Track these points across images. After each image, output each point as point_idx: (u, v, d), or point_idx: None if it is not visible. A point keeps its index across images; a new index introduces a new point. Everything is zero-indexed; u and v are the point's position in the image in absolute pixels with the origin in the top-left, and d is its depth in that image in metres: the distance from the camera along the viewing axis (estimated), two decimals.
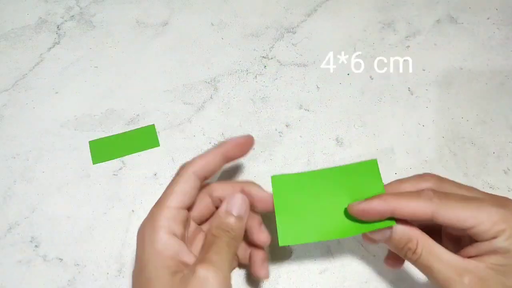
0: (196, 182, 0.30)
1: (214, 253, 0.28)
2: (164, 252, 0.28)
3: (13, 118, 0.42)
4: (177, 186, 0.30)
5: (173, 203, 0.29)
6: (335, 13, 0.49)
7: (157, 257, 0.28)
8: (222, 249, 0.28)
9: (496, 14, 0.49)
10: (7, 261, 0.36)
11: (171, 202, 0.29)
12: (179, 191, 0.29)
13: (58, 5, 0.49)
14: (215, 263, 0.27)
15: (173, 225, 0.29)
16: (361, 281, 0.36)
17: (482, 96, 0.44)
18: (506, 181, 0.40)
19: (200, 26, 0.48)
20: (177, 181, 0.30)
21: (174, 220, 0.29)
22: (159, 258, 0.28)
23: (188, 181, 0.30)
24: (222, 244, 0.29)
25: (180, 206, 0.29)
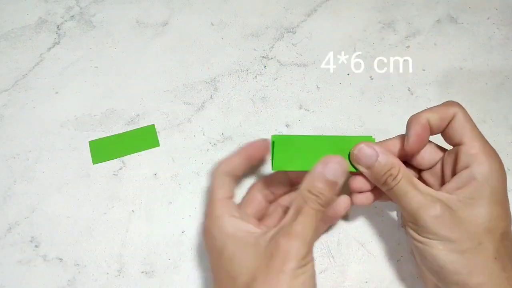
0: (228, 178, 0.33)
1: (298, 223, 0.27)
2: (237, 233, 0.29)
3: (13, 118, 0.42)
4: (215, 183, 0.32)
5: (219, 196, 0.31)
6: (335, 13, 0.49)
7: (233, 238, 0.28)
8: (307, 218, 0.28)
9: (496, 14, 0.49)
10: (7, 261, 0.36)
11: (218, 195, 0.31)
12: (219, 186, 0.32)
13: (58, 5, 0.49)
14: (299, 233, 0.27)
15: (231, 209, 0.30)
16: (361, 281, 0.36)
17: (482, 96, 0.44)
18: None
19: (200, 26, 0.48)
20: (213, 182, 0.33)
21: (228, 206, 0.31)
22: (234, 238, 0.28)
23: (221, 178, 0.32)
24: (308, 212, 0.28)
25: (226, 196, 0.32)
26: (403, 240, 0.37)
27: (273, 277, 0.26)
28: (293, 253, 0.26)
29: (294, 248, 0.26)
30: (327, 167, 0.28)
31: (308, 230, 0.27)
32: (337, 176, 0.28)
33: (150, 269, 0.36)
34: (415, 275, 0.36)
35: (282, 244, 0.26)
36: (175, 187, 0.39)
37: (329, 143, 0.32)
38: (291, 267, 0.26)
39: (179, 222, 0.38)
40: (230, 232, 0.29)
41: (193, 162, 0.41)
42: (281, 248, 0.26)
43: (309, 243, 0.27)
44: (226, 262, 0.28)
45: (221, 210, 0.30)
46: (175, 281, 0.36)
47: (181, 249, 0.37)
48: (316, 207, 0.28)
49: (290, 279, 0.26)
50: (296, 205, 0.28)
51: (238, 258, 0.28)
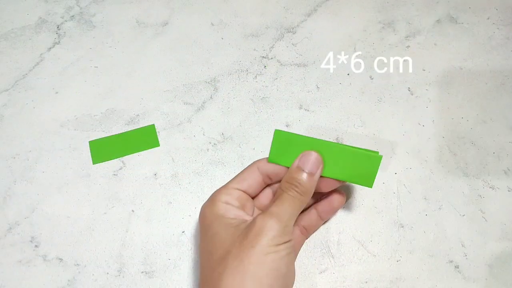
0: (258, 174, 0.33)
1: (275, 205, 0.30)
2: (225, 214, 0.30)
3: (13, 118, 0.42)
4: (241, 173, 0.33)
5: (231, 185, 0.32)
6: (335, 13, 0.49)
7: (220, 219, 0.30)
8: (284, 202, 0.30)
9: (496, 14, 0.49)
10: (7, 261, 0.36)
11: (230, 184, 0.32)
12: (240, 177, 0.33)
13: (58, 5, 0.49)
14: (274, 213, 0.29)
15: (229, 199, 0.31)
16: (361, 281, 0.36)
17: (482, 96, 0.44)
18: (506, 181, 0.40)
19: (200, 26, 0.48)
20: (243, 170, 0.34)
21: (231, 196, 0.32)
22: (222, 219, 0.30)
23: (250, 172, 0.33)
24: (286, 197, 0.30)
25: (237, 187, 0.32)
26: (403, 240, 0.37)
27: (244, 251, 0.27)
28: (266, 230, 0.28)
29: (267, 226, 0.28)
30: (303, 159, 0.31)
31: (283, 212, 0.29)
32: (312, 169, 0.31)
33: (150, 269, 0.36)
34: (415, 275, 0.36)
35: (257, 222, 0.28)
36: (175, 187, 0.39)
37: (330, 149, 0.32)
38: (262, 243, 0.27)
39: (179, 222, 0.38)
40: (220, 213, 0.30)
41: (193, 162, 0.41)
42: (255, 226, 0.28)
43: (284, 225, 0.29)
44: (208, 239, 0.30)
45: (221, 197, 0.31)
46: (175, 281, 0.36)
47: (181, 249, 0.37)
48: (292, 194, 0.30)
49: (260, 254, 0.27)
50: (276, 195, 0.31)
51: (218, 236, 0.29)
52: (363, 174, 0.31)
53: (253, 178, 0.33)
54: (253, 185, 0.33)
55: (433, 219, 0.38)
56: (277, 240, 0.28)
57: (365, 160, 0.31)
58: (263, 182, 0.33)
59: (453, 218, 0.38)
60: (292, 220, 0.30)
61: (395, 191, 0.39)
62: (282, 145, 0.32)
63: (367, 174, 0.31)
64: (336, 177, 0.32)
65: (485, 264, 0.36)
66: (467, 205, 0.39)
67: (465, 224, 0.38)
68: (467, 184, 0.40)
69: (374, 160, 0.31)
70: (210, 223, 0.30)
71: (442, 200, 0.39)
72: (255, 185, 0.33)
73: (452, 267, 0.36)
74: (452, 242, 0.37)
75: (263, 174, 0.33)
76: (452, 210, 0.39)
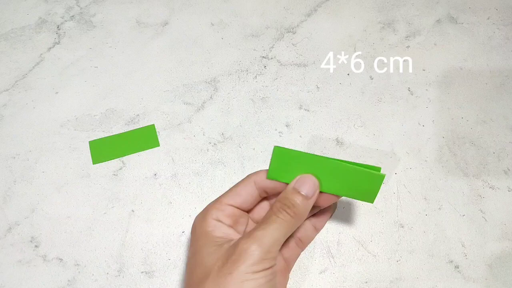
0: (254, 189, 0.32)
1: (261, 228, 0.28)
2: (213, 233, 0.29)
3: (13, 118, 0.42)
4: (235, 187, 0.32)
5: (225, 200, 0.31)
6: (335, 13, 0.49)
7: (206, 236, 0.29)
8: (271, 225, 0.28)
9: (496, 14, 0.49)
10: (7, 261, 0.36)
11: (224, 199, 0.31)
12: (234, 192, 0.31)
13: (58, 5, 0.49)
14: (257, 237, 0.27)
15: (221, 216, 0.30)
16: (361, 281, 0.36)
17: (482, 96, 0.44)
18: (506, 181, 0.40)
19: (200, 26, 0.48)
20: (238, 184, 0.32)
21: (223, 212, 0.30)
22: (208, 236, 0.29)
23: (246, 186, 0.31)
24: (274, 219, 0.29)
25: (231, 203, 0.31)
26: (403, 240, 0.37)
27: (222, 277, 0.26)
28: (245, 256, 0.26)
29: (248, 251, 0.27)
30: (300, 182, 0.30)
31: (268, 236, 0.27)
32: (309, 192, 0.30)
33: (150, 269, 0.36)
34: (415, 275, 0.36)
35: (239, 246, 0.27)
36: (175, 187, 0.39)
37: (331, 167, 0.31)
38: (240, 269, 0.26)
39: (179, 222, 0.38)
40: (208, 230, 0.29)
41: (193, 162, 0.41)
42: (237, 250, 0.27)
43: (267, 251, 0.27)
44: (191, 255, 0.29)
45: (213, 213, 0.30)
46: (175, 281, 0.36)
47: (181, 249, 0.37)
48: (283, 216, 0.29)
49: (237, 281, 0.26)
50: (265, 215, 0.29)
51: (201, 254, 0.28)
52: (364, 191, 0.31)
53: (248, 193, 0.32)
54: (248, 200, 0.32)
55: (433, 219, 0.38)
56: (256, 267, 0.27)
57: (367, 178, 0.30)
58: (258, 196, 0.32)
59: (453, 218, 0.38)
60: (276, 245, 0.28)
61: (395, 191, 0.39)
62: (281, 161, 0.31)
63: (369, 191, 0.30)
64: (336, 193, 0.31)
65: (485, 264, 0.36)
66: (467, 205, 0.39)
67: (465, 224, 0.38)
68: (467, 184, 0.40)
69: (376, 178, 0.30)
70: (197, 238, 0.29)
71: (442, 200, 0.39)
72: (250, 200, 0.32)
73: (452, 267, 0.36)
74: (452, 242, 0.37)
75: (260, 189, 0.32)
76: (452, 210, 0.39)
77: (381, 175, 0.30)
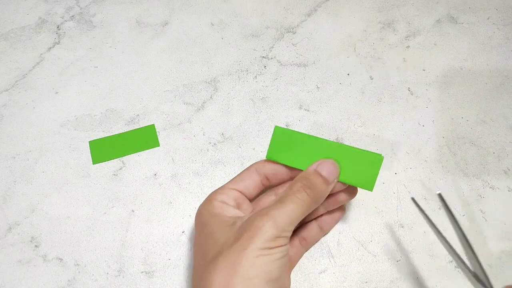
0: (256, 176, 0.32)
1: (277, 207, 0.28)
2: (221, 213, 0.30)
3: (13, 118, 0.42)
4: (238, 175, 0.33)
5: (228, 185, 0.32)
6: (335, 13, 0.49)
7: (215, 217, 0.29)
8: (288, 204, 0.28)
9: (496, 14, 0.49)
10: (7, 261, 0.36)
11: (227, 184, 0.32)
12: (237, 178, 0.32)
13: (58, 5, 0.49)
14: (272, 215, 0.27)
15: (226, 199, 0.31)
16: (361, 281, 0.36)
17: (482, 96, 0.44)
18: (506, 181, 0.40)
19: (200, 26, 0.48)
20: (240, 172, 0.33)
21: (227, 195, 0.31)
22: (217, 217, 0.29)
23: (248, 173, 0.32)
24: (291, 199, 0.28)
25: (233, 187, 0.32)
26: (403, 240, 0.37)
27: (236, 252, 0.26)
28: (261, 232, 0.27)
29: (263, 228, 0.27)
30: (322, 165, 0.30)
31: (284, 216, 0.28)
32: (330, 175, 0.30)
33: (150, 269, 0.36)
34: (415, 275, 0.36)
35: (254, 222, 0.27)
36: (175, 187, 0.39)
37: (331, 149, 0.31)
38: (255, 245, 0.26)
39: (179, 222, 0.38)
40: (216, 212, 0.30)
41: (193, 162, 0.41)
42: (251, 226, 0.27)
43: (281, 229, 0.27)
44: (203, 238, 0.29)
45: (218, 196, 0.31)
46: (175, 281, 0.36)
47: (181, 249, 0.37)
48: (301, 196, 0.29)
49: (251, 256, 0.26)
50: (282, 194, 0.29)
51: (213, 235, 0.28)
52: (363, 175, 0.31)
53: (251, 179, 0.32)
54: (250, 185, 0.32)
55: (433, 219, 0.38)
56: (270, 244, 0.27)
57: (366, 161, 0.31)
58: (261, 183, 0.33)
59: None
60: (291, 225, 0.28)
61: (395, 191, 0.39)
62: (281, 142, 0.31)
63: (368, 176, 0.31)
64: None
65: (485, 264, 0.36)
66: (467, 205, 0.39)
67: (465, 224, 0.38)
68: (467, 184, 0.40)
69: (375, 160, 0.30)
70: (206, 222, 0.30)
71: None
72: (252, 186, 0.32)
73: (452, 267, 0.36)
74: (453, 242, 0.37)
75: (261, 175, 0.32)
76: (452, 210, 0.39)
77: (380, 157, 0.30)
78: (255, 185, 0.32)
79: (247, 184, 0.32)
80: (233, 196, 0.31)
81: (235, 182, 0.32)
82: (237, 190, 0.32)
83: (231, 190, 0.32)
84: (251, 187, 0.32)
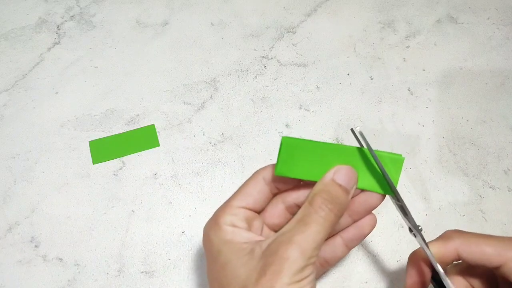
0: (264, 186, 0.29)
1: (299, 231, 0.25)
2: (234, 239, 0.26)
3: (13, 118, 0.42)
4: (244, 187, 0.29)
5: (236, 203, 0.28)
6: (335, 13, 0.49)
7: (229, 245, 0.26)
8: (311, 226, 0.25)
9: (496, 14, 0.49)
10: (7, 261, 0.36)
11: (234, 202, 0.28)
12: (243, 192, 0.28)
13: (58, 5, 0.49)
14: (297, 242, 0.24)
15: (235, 220, 0.27)
16: (361, 281, 0.36)
17: (482, 96, 0.44)
18: (506, 181, 0.40)
19: (200, 26, 0.48)
20: (246, 183, 0.29)
21: (236, 216, 0.27)
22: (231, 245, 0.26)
23: (255, 184, 0.28)
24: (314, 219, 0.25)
25: (242, 205, 0.28)
26: (403, 240, 0.37)
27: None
28: (287, 265, 0.24)
29: (290, 259, 0.24)
30: (339, 173, 0.27)
31: (310, 240, 0.25)
32: (349, 183, 0.27)
33: (150, 269, 0.36)
34: None
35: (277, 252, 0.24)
36: (175, 187, 0.39)
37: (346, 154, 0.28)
38: (283, 281, 0.23)
39: (179, 222, 0.38)
40: (228, 238, 0.27)
41: (193, 162, 0.41)
42: (275, 257, 0.24)
43: (309, 256, 0.24)
44: (219, 269, 0.26)
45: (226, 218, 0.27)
46: (175, 281, 0.36)
47: (181, 249, 0.37)
48: (325, 215, 0.26)
49: None
50: (302, 213, 0.26)
51: (231, 266, 0.26)
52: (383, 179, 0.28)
53: (259, 191, 0.28)
54: (259, 200, 0.28)
55: (433, 219, 0.38)
56: (299, 276, 0.24)
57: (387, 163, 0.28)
58: (270, 193, 0.29)
59: (453, 218, 0.38)
60: (317, 249, 0.25)
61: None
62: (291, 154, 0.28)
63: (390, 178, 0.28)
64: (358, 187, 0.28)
65: None
66: (467, 205, 0.39)
67: (465, 224, 0.38)
68: (467, 184, 0.40)
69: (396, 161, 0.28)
70: (218, 250, 0.26)
71: (442, 200, 0.39)
72: (262, 200, 0.29)
73: None
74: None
75: (270, 185, 0.29)
76: (452, 210, 0.39)
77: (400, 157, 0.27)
78: (265, 198, 0.29)
79: (256, 199, 0.28)
80: (243, 216, 0.28)
81: (242, 197, 0.28)
82: (246, 209, 0.28)
83: (240, 209, 0.28)
84: (261, 201, 0.29)
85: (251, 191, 0.28)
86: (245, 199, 0.28)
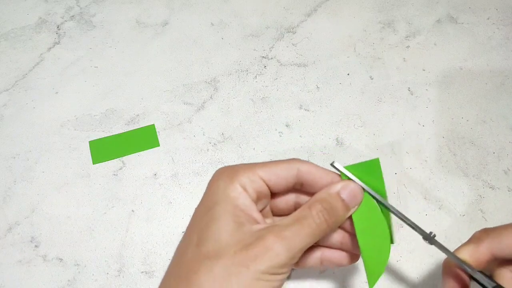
0: (293, 177, 0.28)
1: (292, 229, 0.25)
2: (236, 200, 0.26)
3: (13, 118, 0.42)
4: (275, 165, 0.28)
5: (260, 172, 0.27)
6: (335, 13, 0.49)
7: (228, 202, 0.26)
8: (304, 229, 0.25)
9: (496, 14, 0.49)
10: (7, 261, 0.36)
11: (259, 170, 0.27)
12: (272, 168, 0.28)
13: (58, 5, 0.49)
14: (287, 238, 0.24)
15: (249, 186, 0.27)
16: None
17: (482, 96, 0.44)
18: (506, 181, 0.40)
19: (200, 26, 0.48)
20: (278, 162, 0.28)
21: (252, 183, 0.27)
22: (229, 203, 0.26)
23: (287, 170, 0.28)
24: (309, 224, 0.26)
25: (264, 178, 0.27)
26: (403, 240, 0.37)
27: (236, 266, 0.24)
28: (269, 255, 0.24)
29: (274, 252, 0.24)
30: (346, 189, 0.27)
31: (298, 241, 0.25)
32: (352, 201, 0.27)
33: (150, 269, 0.36)
34: (415, 275, 0.36)
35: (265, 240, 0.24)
36: (175, 187, 0.39)
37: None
38: (258, 267, 0.24)
39: (179, 222, 0.38)
40: (231, 195, 0.26)
41: (193, 162, 0.41)
42: (260, 242, 0.24)
43: (292, 255, 0.25)
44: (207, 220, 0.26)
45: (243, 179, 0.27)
46: None
47: None
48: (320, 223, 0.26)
49: (250, 278, 0.24)
50: (300, 214, 0.26)
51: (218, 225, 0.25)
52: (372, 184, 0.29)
53: (286, 177, 0.28)
54: (281, 184, 0.28)
55: (433, 219, 0.38)
56: (276, 270, 0.24)
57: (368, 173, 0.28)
58: (292, 186, 0.29)
59: (453, 218, 0.38)
60: (301, 252, 0.25)
61: (395, 191, 0.39)
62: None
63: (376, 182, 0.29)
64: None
65: None
66: (467, 205, 0.39)
67: (465, 224, 0.38)
68: (467, 184, 0.40)
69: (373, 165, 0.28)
70: (217, 201, 0.26)
71: (442, 200, 0.39)
72: (283, 185, 0.28)
73: None
74: (452, 242, 0.37)
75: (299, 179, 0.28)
76: (452, 210, 0.39)
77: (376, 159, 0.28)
78: (287, 185, 0.28)
79: (280, 180, 0.28)
80: (257, 186, 0.27)
81: (268, 171, 0.27)
82: (265, 182, 0.27)
83: (260, 180, 0.27)
84: (281, 186, 0.28)
85: (280, 172, 0.28)
86: (270, 174, 0.27)
